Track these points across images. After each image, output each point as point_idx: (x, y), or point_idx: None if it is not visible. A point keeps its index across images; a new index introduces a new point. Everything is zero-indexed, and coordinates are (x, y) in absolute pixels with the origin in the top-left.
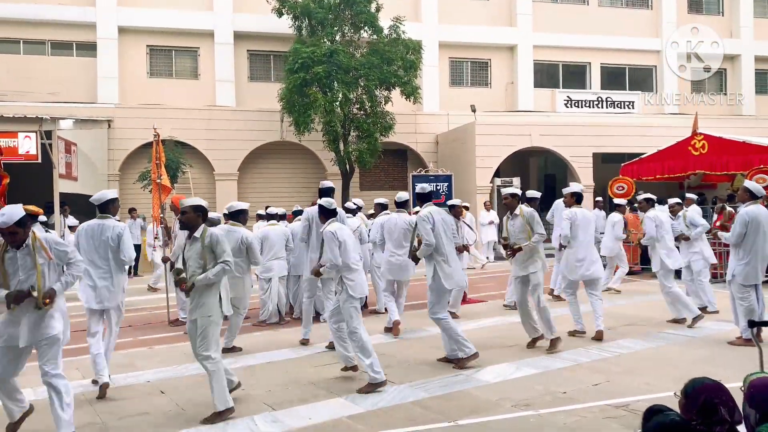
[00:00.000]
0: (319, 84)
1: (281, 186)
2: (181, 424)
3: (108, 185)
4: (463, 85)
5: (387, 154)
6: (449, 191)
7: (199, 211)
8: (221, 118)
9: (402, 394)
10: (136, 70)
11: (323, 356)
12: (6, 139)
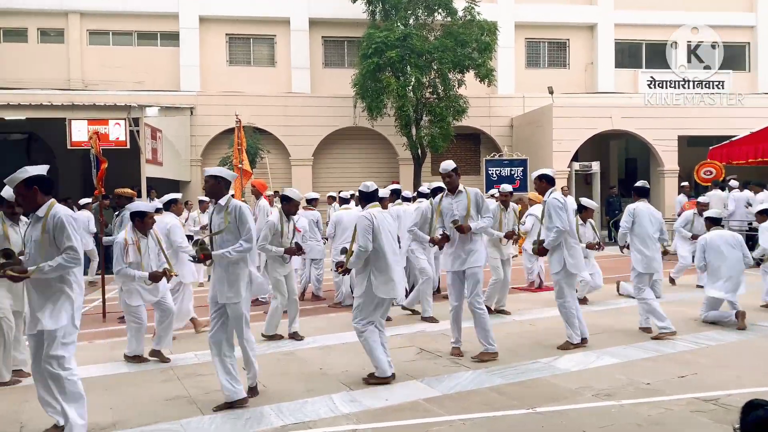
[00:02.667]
0: (392, 68)
1: (354, 171)
2: (263, 401)
3: (191, 170)
4: (540, 66)
5: (460, 139)
6: (524, 176)
7: (219, 180)
8: (296, 104)
9: (478, 380)
10: (216, 59)
11: (397, 339)
12: (98, 126)
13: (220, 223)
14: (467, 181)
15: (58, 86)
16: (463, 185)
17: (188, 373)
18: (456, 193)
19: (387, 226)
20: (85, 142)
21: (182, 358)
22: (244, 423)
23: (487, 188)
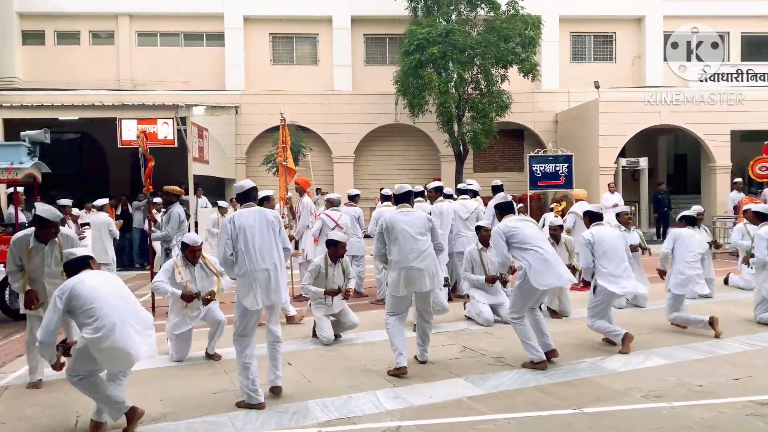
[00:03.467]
0: (434, 65)
1: (395, 168)
2: (307, 395)
3: (236, 168)
4: (585, 60)
5: (503, 135)
6: (569, 172)
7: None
8: (338, 102)
9: (523, 379)
10: (260, 58)
11: (441, 337)
12: (147, 125)
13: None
14: (510, 178)
15: (108, 87)
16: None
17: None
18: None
19: (401, 224)
20: (134, 141)
21: (229, 353)
22: (290, 417)
23: (531, 185)
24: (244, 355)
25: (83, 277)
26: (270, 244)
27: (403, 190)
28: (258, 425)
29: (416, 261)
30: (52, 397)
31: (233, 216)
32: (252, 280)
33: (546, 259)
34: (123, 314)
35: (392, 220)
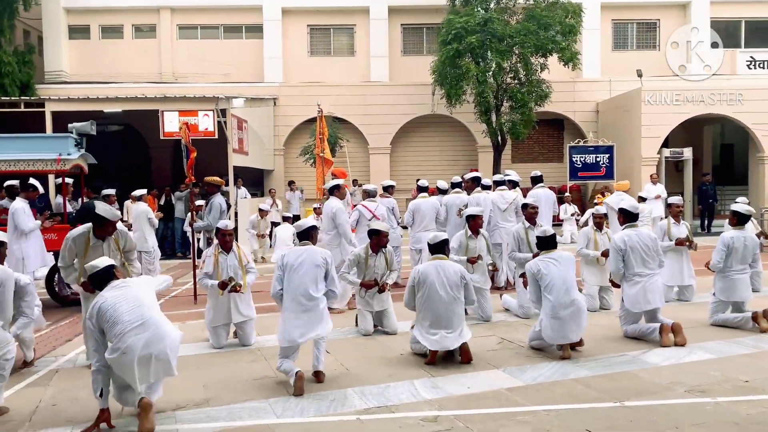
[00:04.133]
0: (472, 54)
1: (432, 159)
2: (346, 384)
3: (274, 160)
4: (628, 48)
5: (542, 125)
6: (610, 163)
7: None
8: (375, 93)
9: (562, 371)
10: (297, 50)
11: (478, 327)
12: (188, 117)
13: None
14: (549, 169)
15: (150, 80)
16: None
17: (274, 354)
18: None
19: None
20: (176, 132)
21: (268, 340)
22: (328, 404)
23: (571, 176)
24: (283, 368)
25: (107, 296)
26: (313, 284)
27: (438, 240)
28: (297, 411)
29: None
30: None
31: (285, 254)
32: (290, 314)
33: (560, 319)
34: (139, 339)
35: (425, 273)
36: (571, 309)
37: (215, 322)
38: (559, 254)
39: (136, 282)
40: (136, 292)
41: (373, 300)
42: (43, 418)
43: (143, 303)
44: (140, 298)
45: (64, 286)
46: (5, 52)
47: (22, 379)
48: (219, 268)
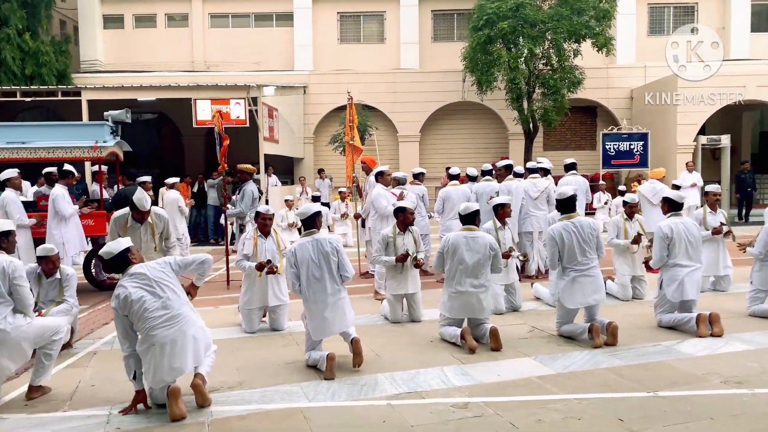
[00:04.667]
0: (503, 40)
1: (462, 146)
2: (376, 369)
3: (304, 148)
4: (664, 33)
5: (575, 112)
6: (645, 151)
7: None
8: (405, 80)
9: (594, 360)
10: (327, 37)
11: (508, 316)
12: (220, 106)
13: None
14: (582, 156)
15: (183, 68)
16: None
17: (305, 339)
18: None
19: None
20: (208, 120)
21: (299, 326)
22: (359, 389)
23: (604, 164)
24: (312, 359)
25: (129, 287)
26: (330, 277)
27: (469, 210)
28: (329, 396)
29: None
30: None
31: (294, 249)
32: (315, 314)
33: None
34: (167, 332)
35: (455, 244)
36: (586, 275)
37: (250, 305)
38: (579, 219)
39: (155, 268)
40: (158, 280)
41: (407, 281)
42: (83, 397)
43: (167, 294)
44: (163, 287)
45: (100, 270)
46: (43, 42)
47: (63, 361)
48: (257, 251)
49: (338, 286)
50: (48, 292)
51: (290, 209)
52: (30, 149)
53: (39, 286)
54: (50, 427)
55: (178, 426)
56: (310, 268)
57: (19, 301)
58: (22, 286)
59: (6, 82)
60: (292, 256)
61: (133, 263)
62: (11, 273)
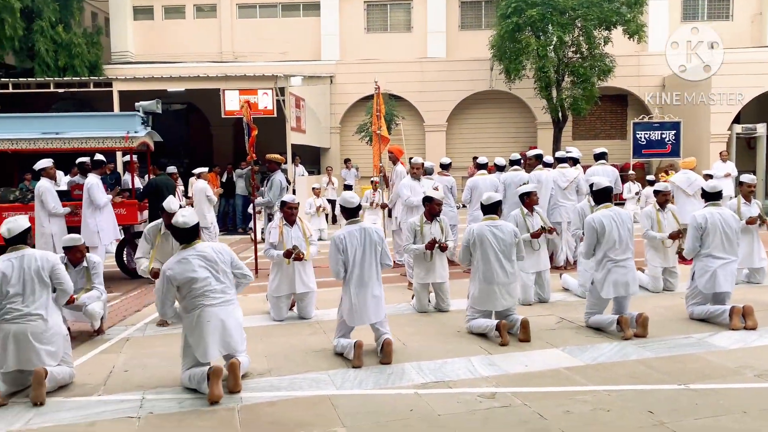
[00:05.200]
0: (532, 28)
1: (489, 136)
2: (403, 358)
3: (330, 138)
4: (698, 19)
5: (604, 100)
6: (677, 140)
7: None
8: (432, 69)
9: (624, 351)
10: (354, 27)
11: (536, 307)
12: (248, 96)
13: (82, 279)
14: (612, 146)
15: (211, 59)
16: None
17: (333, 328)
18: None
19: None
20: (237, 111)
21: (326, 314)
22: (386, 378)
23: (635, 154)
24: (341, 346)
25: (194, 263)
26: (374, 267)
27: (492, 200)
28: (356, 384)
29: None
30: (168, 349)
31: (343, 236)
32: (353, 301)
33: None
34: (211, 313)
35: (480, 236)
36: (623, 266)
37: (278, 292)
38: (617, 210)
39: (221, 253)
40: (222, 266)
41: (435, 269)
42: (116, 383)
43: (226, 283)
44: (223, 273)
45: (132, 259)
46: (75, 34)
47: (96, 346)
48: (283, 239)
49: (379, 276)
50: (77, 280)
51: (318, 197)
52: (64, 139)
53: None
54: (85, 411)
55: (210, 410)
56: (356, 255)
57: (62, 287)
58: (61, 272)
59: (40, 74)
60: (341, 242)
61: (200, 239)
62: (53, 261)
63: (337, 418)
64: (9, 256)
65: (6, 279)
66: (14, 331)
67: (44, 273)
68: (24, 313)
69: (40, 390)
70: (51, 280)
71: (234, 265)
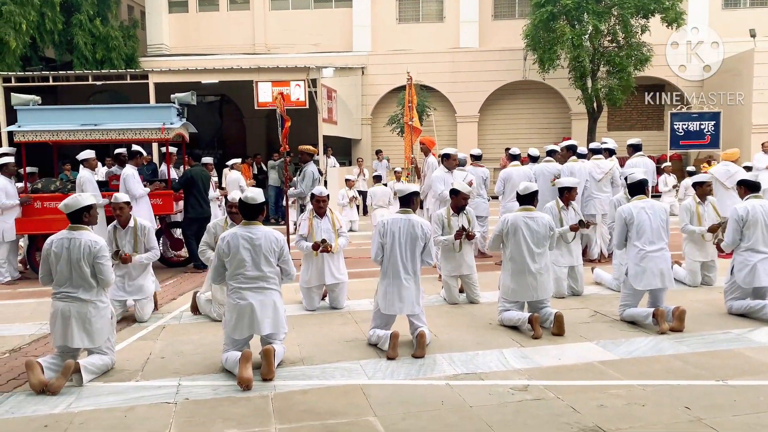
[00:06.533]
0: (567, 17)
1: (522, 127)
2: (435, 350)
3: (361, 129)
4: (740, 5)
5: (641, 90)
6: (716, 131)
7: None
8: (464, 59)
9: (659, 346)
10: (386, 17)
11: (569, 300)
12: (281, 88)
13: (129, 241)
14: (648, 137)
15: (244, 51)
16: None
17: (364, 318)
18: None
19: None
20: (269, 102)
21: (358, 304)
22: (418, 369)
23: (672, 145)
24: (376, 336)
25: (239, 240)
26: (412, 259)
27: (528, 191)
28: (388, 374)
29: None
30: (202, 337)
31: (387, 221)
32: (388, 289)
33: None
34: (251, 297)
35: (514, 225)
36: (656, 257)
37: (310, 283)
38: (651, 202)
39: (271, 241)
40: (266, 253)
41: (462, 262)
42: (153, 368)
43: (267, 269)
44: (257, 252)
45: (168, 248)
46: (112, 27)
47: (134, 333)
48: (313, 231)
49: (417, 269)
50: (125, 243)
51: (350, 188)
52: (102, 131)
53: (115, 237)
54: (124, 395)
55: (245, 397)
56: (395, 243)
57: (101, 278)
58: (105, 264)
59: (78, 67)
60: (383, 227)
61: (260, 219)
62: (96, 252)
63: (369, 408)
64: (63, 236)
65: (56, 259)
66: (61, 308)
67: (85, 263)
68: (70, 295)
69: (62, 381)
70: (93, 268)
71: (282, 259)
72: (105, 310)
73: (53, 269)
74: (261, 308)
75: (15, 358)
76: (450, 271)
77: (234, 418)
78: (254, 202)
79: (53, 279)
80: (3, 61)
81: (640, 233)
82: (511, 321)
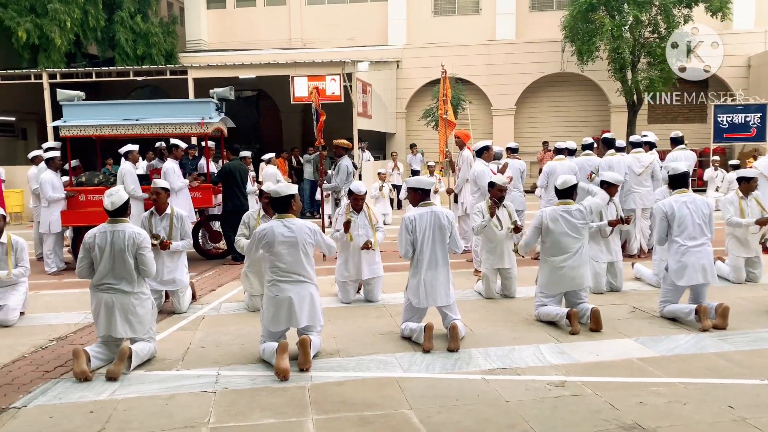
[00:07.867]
0: (606, 7)
1: (560, 120)
2: (470, 344)
3: (396, 123)
4: None
5: (683, 82)
6: (762, 124)
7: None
8: (500, 52)
9: (702, 344)
10: (422, 10)
11: (608, 296)
12: (317, 82)
13: (165, 228)
14: (690, 130)
15: (281, 46)
16: None
17: (399, 312)
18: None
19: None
20: (305, 97)
21: (393, 298)
22: (453, 363)
23: (715, 138)
24: (409, 329)
25: (276, 233)
26: (441, 250)
27: (567, 184)
28: (423, 367)
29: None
30: (239, 328)
31: (414, 217)
32: (421, 282)
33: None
34: (288, 291)
35: (553, 219)
36: (697, 252)
37: (345, 278)
38: (692, 196)
39: (306, 233)
40: (302, 243)
41: (504, 255)
42: (193, 358)
43: (295, 254)
44: (299, 247)
45: (206, 240)
46: (152, 24)
47: (174, 323)
48: (350, 225)
49: (447, 259)
50: (160, 229)
51: (383, 182)
52: (143, 125)
53: (151, 223)
54: (166, 384)
55: (282, 388)
56: (425, 237)
57: (143, 269)
58: (147, 255)
59: (120, 63)
60: (411, 223)
61: (293, 210)
62: (140, 243)
63: (404, 400)
64: (105, 229)
65: (99, 251)
66: (105, 299)
67: (129, 254)
68: (113, 287)
69: (119, 366)
70: (135, 260)
71: (318, 242)
72: (147, 300)
73: (96, 262)
74: (299, 301)
75: (62, 346)
76: (492, 264)
77: (271, 408)
78: (278, 195)
79: (93, 272)
80: (49, 58)
81: (681, 228)
82: (549, 316)
